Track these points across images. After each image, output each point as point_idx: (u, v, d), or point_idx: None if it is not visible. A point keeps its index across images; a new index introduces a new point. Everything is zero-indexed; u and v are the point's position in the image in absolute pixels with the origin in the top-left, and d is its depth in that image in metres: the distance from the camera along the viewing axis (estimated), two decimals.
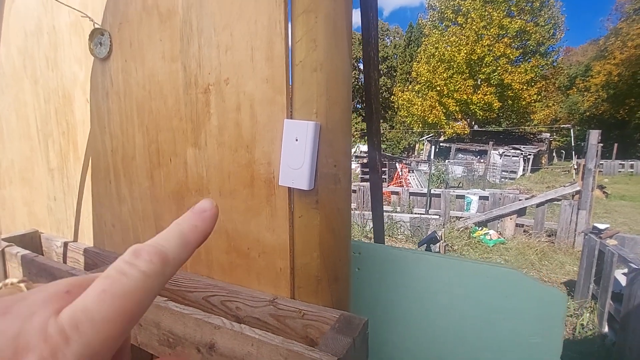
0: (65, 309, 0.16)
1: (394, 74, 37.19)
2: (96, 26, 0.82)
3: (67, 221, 1.03)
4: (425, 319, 0.79)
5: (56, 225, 1.07)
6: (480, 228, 6.45)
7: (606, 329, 2.99)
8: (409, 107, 23.32)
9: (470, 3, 20.49)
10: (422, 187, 10.15)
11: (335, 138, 0.57)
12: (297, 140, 0.55)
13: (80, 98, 0.92)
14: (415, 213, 7.24)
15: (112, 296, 0.17)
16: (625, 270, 2.76)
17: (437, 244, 3.89)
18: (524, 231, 6.36)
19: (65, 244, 1.00)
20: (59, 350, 0.15)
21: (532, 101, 21.49)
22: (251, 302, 0.69)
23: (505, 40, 19.85)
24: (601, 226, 3.26)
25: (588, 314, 3.26)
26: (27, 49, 1.02)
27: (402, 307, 0.81)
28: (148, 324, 0.64)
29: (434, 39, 21.86)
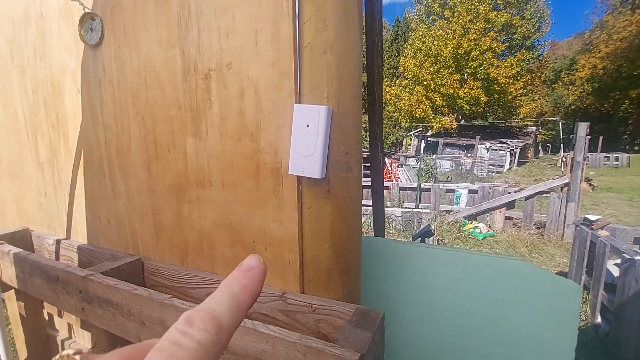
0: None
1: None
2: (86, 10, 0.78)
3: (59, 218, 0.99)
4: (432, 313, 0.77)
5: (47, 222, 1.02)
6: (470, 221, 6.51)
7: (599, 320, 3.03)
8: (397, 102, 23.36)
9: None
10: (411, 181, 10.20)
11: (346, 123, 0.55)
12: (308, 126, 0.53)
13: (71, 88, 0.87)
14: (406, 207, 7.27)
15: None
16: (618, 261, 2.79)
17: (431, 237, 3.91)
18: (513, 224, 6.45)
19: (58, 242, 0.96)
20: None
21: (518, 95, 21.74)
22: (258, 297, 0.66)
23: (492, 34, 19.98)
24: (592, 217, 3.31)
25: (580, 305, 3.32)
26: (14, 38, 0.97)
27: (407, 301, 0.79)
28: (152, 323, 0.61)
29: (421, 33, 21.88)
